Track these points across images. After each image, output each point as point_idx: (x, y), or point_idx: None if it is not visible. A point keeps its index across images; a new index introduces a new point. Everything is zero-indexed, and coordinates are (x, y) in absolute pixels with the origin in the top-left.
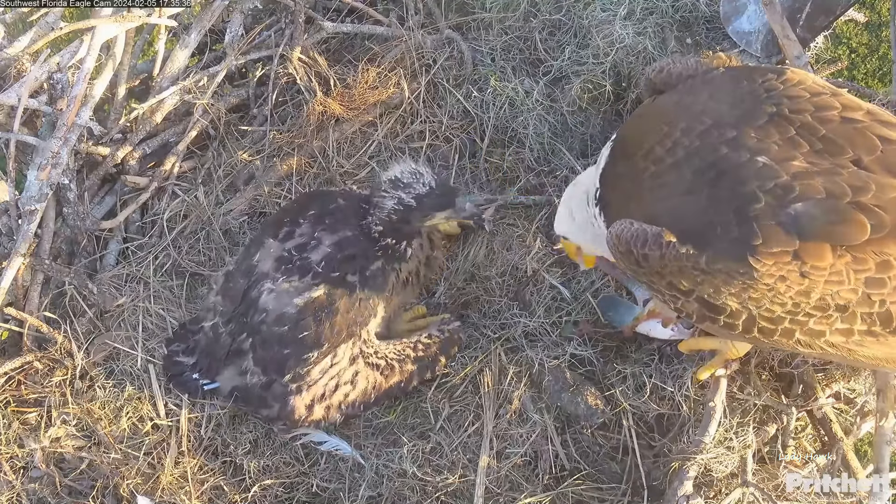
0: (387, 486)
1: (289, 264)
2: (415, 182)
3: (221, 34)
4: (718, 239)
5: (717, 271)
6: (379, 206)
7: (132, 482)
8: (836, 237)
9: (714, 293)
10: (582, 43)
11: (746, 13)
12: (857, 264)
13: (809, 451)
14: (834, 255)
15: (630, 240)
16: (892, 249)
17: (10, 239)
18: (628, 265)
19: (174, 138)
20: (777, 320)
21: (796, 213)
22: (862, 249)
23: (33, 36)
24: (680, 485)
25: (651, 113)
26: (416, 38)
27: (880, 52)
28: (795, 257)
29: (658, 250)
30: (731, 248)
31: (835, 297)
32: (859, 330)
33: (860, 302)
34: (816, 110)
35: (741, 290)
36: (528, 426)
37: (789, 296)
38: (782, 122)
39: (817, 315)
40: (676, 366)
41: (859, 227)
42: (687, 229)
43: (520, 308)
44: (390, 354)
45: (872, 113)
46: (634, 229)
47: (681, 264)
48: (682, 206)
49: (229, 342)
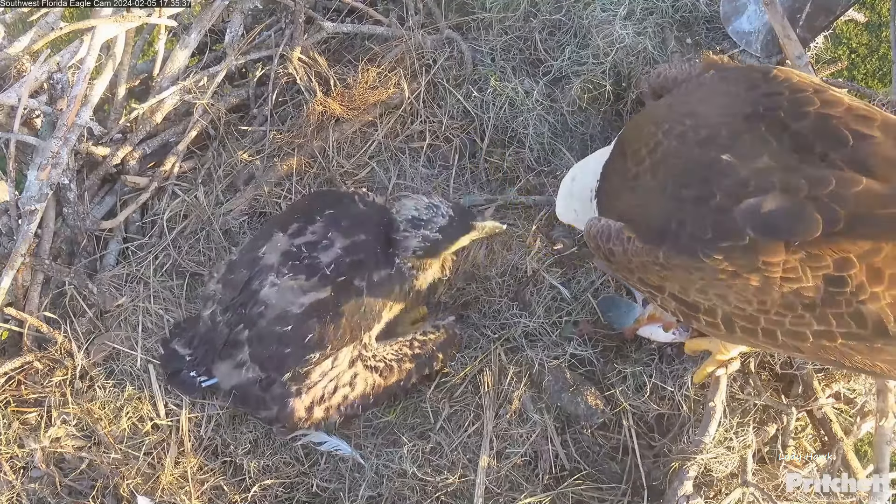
0: (387, 486)
1: (296, 261)
2: (434, 216)
3: (221, 34)
4: (675, 235)
5: (674, 266)
6: (403, 247)
7: (132, 482)
8: (787, 232)
9: (681, 290)
10: (582, 43)
11: (746, 13)
12: (813, 261)
13: (809, 451)
14: (787, 251)
15: (597, 235)
16: (849, 246)
17: (10, 239)
18: (601, 260)
19: (174, 138)
20: (752, 319)
21: (748, 207)
22: (816, 246)
23: (33, 36)
24: (680, 485)
25: (646, 114)
26: (416, 38)
27: (880, 52)
28: (746, 252)
29: (620, 245)
30: (685, 243)
31: (798, 296)
32: (841, 332)
33: (825, 301)
34: (792, 107)
35: (703, 285)
36: (528, 426)
37: (751, 293)
38: (755, 121)
39: (788, 315)
40: (676, 366)
41: (811, 222)
42: (650, 226)
43: (520, 308)
44: (388, 356)
45: (853, 109)
46: (601, 225)
47: (642, 259)
48: (650, 204)
49: (226, 332)
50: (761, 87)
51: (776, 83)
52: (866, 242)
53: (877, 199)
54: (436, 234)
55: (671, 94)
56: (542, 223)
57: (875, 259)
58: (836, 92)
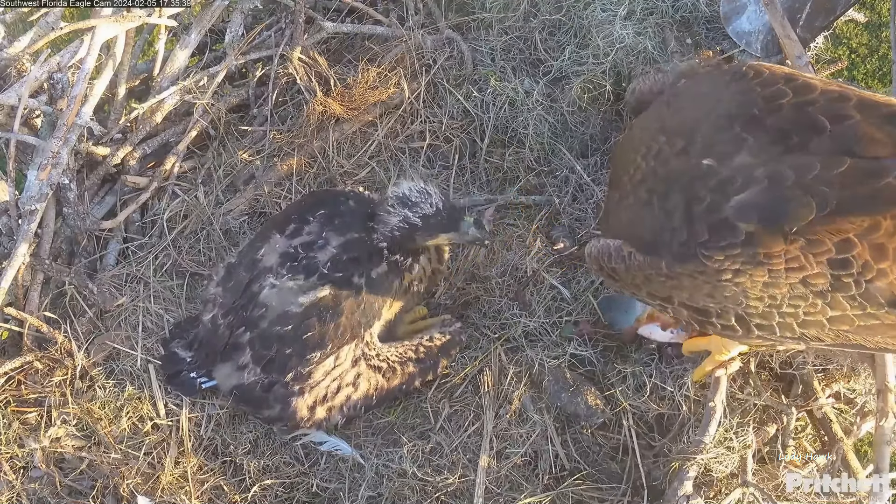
0: (387, 486)
1: (294, 262)
2: (422, 202)
3: (221, 34)
4: (671, 244)
5: (679, 275)
6: (383, 222)
7: (132, 482)
8: (781, 220)
9: (689, 297)
10: (582, 43)
11: (746, 13)
12: (814, 247)
13: (809, 451)
14: (785, 240)
15: (598, 256)
16: (846, 226)
17: (10, 239)
18: (606, 280)
19: (174, 138)
20: (766, 315)
21: (739, 204)
22: (812, 231)
23: (33, 36)
24: (680, 485)
25: (625, 141)
26: (416, 38)
27: (880, 52)
28: (745, 247)
29: (622, 262)
30: (684, 250)
31: (806, 285)
32: (856, 315)
33: (835, 286)
34: (765, 103)
35: (710, 289)
36: (528, 426)
37: (759, 289)
38: (730, 122)
39: (801, 305)
40: (676, 366)
41: (803, 206)
42: (644, 241)
43: (520, 308)
44: (392, 357)
45: (826, 91)
46: (600, 245)
47: (646, 273)
48: (639, 220)
49: (227, 335)
50: (731, 87)
51: (746, 82)
52: (863, 219)
53: (863, 173)
54: (416, 220)
55: (646, 112)
56: (542, 223)
57: (876, 235)
58: (808, 77)
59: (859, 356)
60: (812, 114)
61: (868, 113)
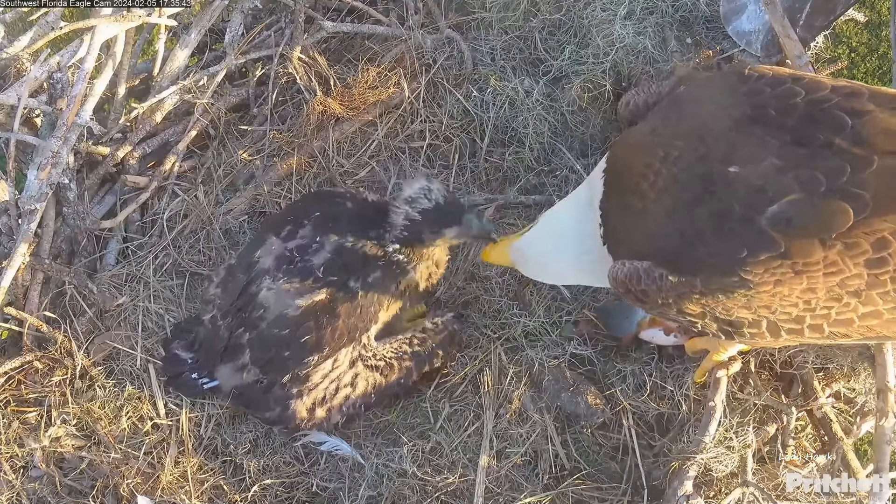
0: (387, 485)
1: (290, 265)
2: (421, 197)
3: (221, 34)
4: (706, 260)
5: (715, 291)
6: (392, 224)
7: (132, 482)
8: (820, 229)
9: (724, 311)
10: (582, 43)
11: (746, 13)
12: (851, 250)
13: (809, 451)
14: (824, 247)
15: (626, 280)
16: (880, 224)
17: (10, 239)
18: (634, 303)
19: (174, 138)
20: (798, 319)
21: (774, 215)
22: (850, 234)
23: (33, 35)
24: (680, 484)
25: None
26: (416, 38)
27: (880, 51)
28: (784, 258)
29: (653, 284)
30: (720, 266)
31: (843, 287)
32: (886, 309)
33: (871, 284)
34: (779, 103)
35: (747, 302)
36: (528, 426)
37: (796, 296)
38: (748, 125)
39: (835, 306)
40: (677, 365)
41: (841, 213)
42: (676, 258)
43: (520, 308)
44: (388, 354)
45: (838, 88)
46: (627, 269)
47: (679, 292)
48: (669, 236)
49: (227, 336)
50: (741, 89)
51: (754, 82)
52: None
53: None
54: (415, 215)
55: (647, 121)
56: None
57: None
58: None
59: (859, 356)
60: (830, 110)
61: (883, 104)
